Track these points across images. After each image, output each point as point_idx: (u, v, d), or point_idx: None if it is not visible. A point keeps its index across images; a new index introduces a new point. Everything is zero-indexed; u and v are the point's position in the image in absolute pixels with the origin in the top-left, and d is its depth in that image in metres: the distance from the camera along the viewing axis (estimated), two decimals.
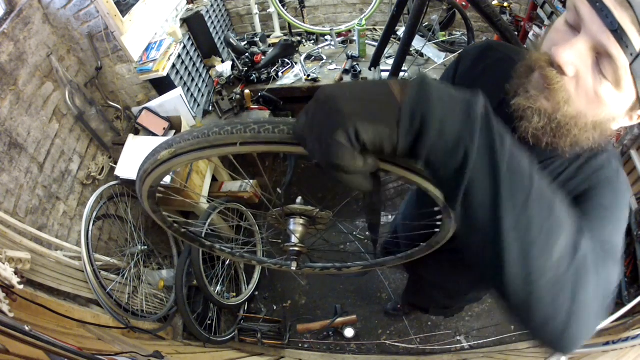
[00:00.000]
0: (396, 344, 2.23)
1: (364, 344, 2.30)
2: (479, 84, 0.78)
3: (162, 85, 2.13)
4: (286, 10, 3.00)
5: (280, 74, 2.70)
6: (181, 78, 2.27)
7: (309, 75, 2.63)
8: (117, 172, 1.90)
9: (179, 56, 2.25)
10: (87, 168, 1.91)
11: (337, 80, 2.57)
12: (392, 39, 2.42)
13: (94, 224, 1.70)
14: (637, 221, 1.63)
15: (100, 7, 1.73)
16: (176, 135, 0.53)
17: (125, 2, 1.92)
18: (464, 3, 2.29)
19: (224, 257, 2.23)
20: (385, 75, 2.52)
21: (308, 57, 2.84)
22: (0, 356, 0.88)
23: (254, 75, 2.66)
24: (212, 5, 2.78)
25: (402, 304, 2.22)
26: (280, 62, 2.77)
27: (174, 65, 2.17)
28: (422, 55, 2.70)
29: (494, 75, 0.74)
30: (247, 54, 2.69)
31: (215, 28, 2.82)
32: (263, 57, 2.72)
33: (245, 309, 2.43)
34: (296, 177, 0.78)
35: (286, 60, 2.78)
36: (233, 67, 2.70)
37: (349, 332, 2.24)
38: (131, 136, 2.00)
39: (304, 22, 3.07)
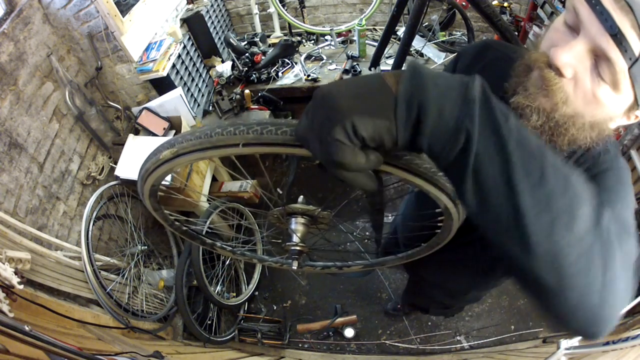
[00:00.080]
0: (396, 344, 2.23)
1: (364, 344, 2.30)
2: None
3: (162, 85, 2.13)
4: (286, 10, 3.00)
5: (280, 74, 2.70)
6: (181, 78, 2.27)
7: (309, 75, 2.63)
8: (117, 172, 1.90)
9: (179, 56, 2.25)
10: (87, 168, 1.91)
11: (335, 80, 2.57)
12: (392, 39, 2.42)
13: (94, 224, 1.70)
14: (637, 221, 1.63)
15: (100, 7, 1.73)
16: (178, 135, 0.53)
17: (125, 2, 1.92)
18: (464, 3, 2.29)
19: (224, 255, 2.23)
20: None
21: (308, 57, 2.84)
22: (0, 356, 0.87)
23: (254, 75, 2.67)
24: (212, 5, 2.78)
25: (402, 304, 2.21)
26: (280, 62, 2.78)
27: (174, 65, 2.17)
28: (422, 55, 2.70)
29: (492, 73, 0.74)
30: (247, 54, 2.69)
31: (215, 28, 2.82)
32: (263, 57, 2.72)
33: (245, 309, 2.43)
34: (296, 177, 0.78)
35: (286, 60, 2.78)
36: (233, 67, 2.70)
37: (349, 332, 2.24)
38: (131, 136, 2.00)
39: (304, 22, 3.07)
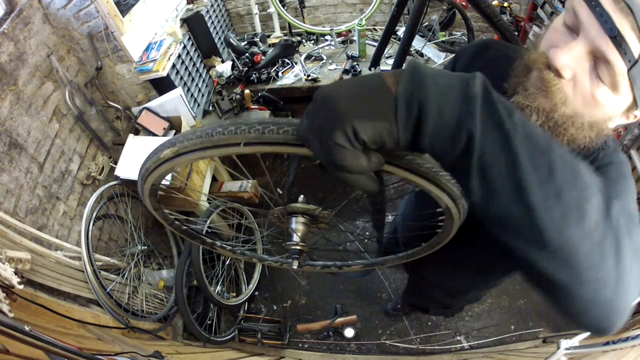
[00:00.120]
0: (396, 344, 2.23)
1: (364, 344, 2.30)
2: None
3: (162, 85, 2.13)
4: (286, 10, 3.00)
5: (280, 74, 2.70)
6: (181, 78, 2.27)
7: (309, 75, 2.63)
8: (117, 172, 1.90)
9: (179, 56, 2.25)
10: (87, 168, 1.91)
11: (335, 80, 2.57)
12: (392, 39, 2.42)
13: (94, 224, 1.70)
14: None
15: (100, 7, 1.73)
16: (179, 134, 0.52)
17: (125, 2, 1.92)
18: (464, 3, 2.29)
19: (224, 255, 2.22)
20: None
21: (308, 57, 2.84)
22: (0, 356, 0.87)
23: (254, 75, 2.67)
24: (212, 5, 2.78)
25: (402, 304, 2.21)
26: (280, 62, 2.78)
27: (174, 65, 2.17)
28: (422, 55, 2.70)
29: (491, 73, 0.73)
30: (247, 54, 2.69)
31: (215, 28, 2.82)
32: (263, 57, 2.72)
33: (245, 309, 2.43)
34: (296, 177, 0.78)
35: (286, 60, 2.78)
36: (233, 67, 2.70)
37: (349, 332, 2.24)
38: (131, 136, 2.00)
39: (304, 22, 3.07)
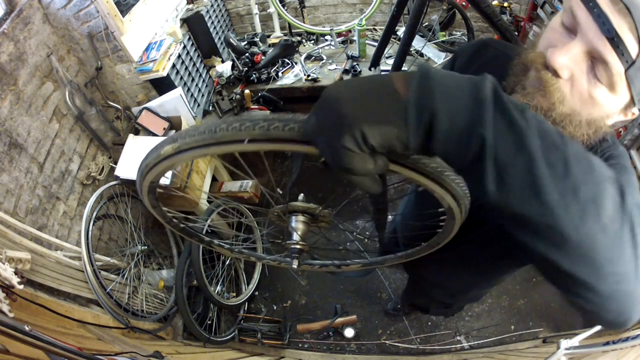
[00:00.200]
0: (396, 344, 2.23)
1: (364, 344, 2.30)
2: None
3: (162, 85, 2.13)
4: (286, 10, 3.00)
5: (280, 74, 2.70)
6: (181, 78, 2.27)
7: (309, 75, 2.63)
8: (117, 172, 1.90)
9: (179, 56, 2.24)
10: (87, 168, 1.91)
11: (337, 80, 2.57)
12: (392, 39, 2.42)
13: (94, 224, 1.70)
14: None
15: (100, 7, 1.73)
16: (181, 130, 0.51)
17: (125, 2, 1.92)
18: (464, 3, 2.28)
19: (221, 253, 2.22)
20: None
21: (308, 57, 2.84)
22: (0, 356, 0.87)
23: (254, 75, 2.66)
24: (212, 5, 2.78)
25: (402, 304, 2.21)
26: (280, 62, 2.77)
27: (174, 65, 2.17)
28: (422, 55, 2.70)
29: (490, 72, 0.73)
30: (247, 54, 2.69)
31: (215, 28, 2.82)
32: (263, 57, 2.72)
33: (245, 309, 2.43)
34: (298, 175, 0.77)
35: (286, 60, 2.78)
36: (233, 67, 2.70)
37: (349, 332, 2.24)
38: (131, 136, 2.00)
39: (304, 22, 3.06)
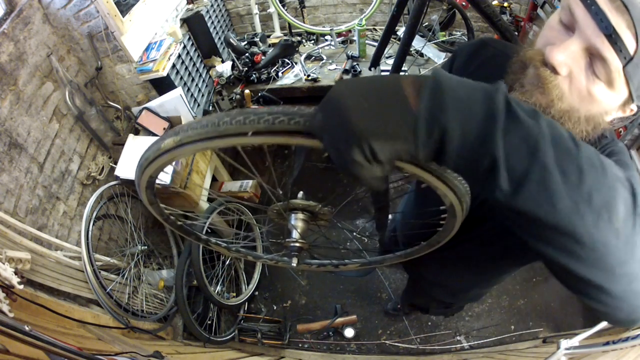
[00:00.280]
0: (396, 344, 2.23)
1: (364, 344, 2.30)
2: (473, 80, 0.78)
3: (162, 85, 2.13)
4: (286, 10, 3.00)
5: (280, 74, 2.70)
6: (181, 78, 2.27)
7: (309, 75, 2.63)
8: (117, 172, 1.90)
9: (179, 56, 2.25)
10: (87, 168, 1.91)
11: (337, 80, 2.57)
12: (392, 39, 2.42)
13: (94, 224, 1.70)
14: None
15: (100, 7, 1.73)
16: (183, 123, 0.51)
17: (125, 2, 1.92)
18: (464, 3, 2.29)
19: (219, 252, 2.22)
20: None
21: (308, 57, 2.84)
22: (0, 356, 0.87)
23: (254, 75, 2.66)
24: (212, 5, 2.78)
25: (402, 304, 2.21)
26: (280, 62, 2.77)
27: (174, 65, 2.17)
28: (422, 55, 2.70)
29: (489, 70, 0.74)
30: (247, 54, 2.69)
31: (215, 28, 2.82)
32: (263, 57, 2.72)
33: (245, 309, 2.43)
34: (301, 171, 0.77)
35: (286, 60, 2.78)
36: (233, 67, 2.70)
37: (349, 332, 2.24)
38: (131, 136, 2.00)
39: (304, 22, 3.07)
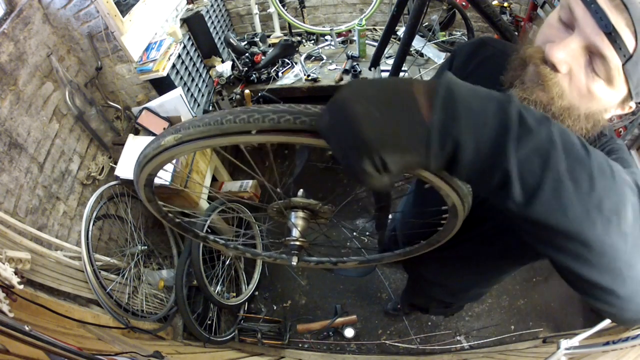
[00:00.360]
0: (396, 344, 2.23)
1: (364, 344, 2.30)
2: (473, 79, 0.78)
3: (162, 85, 2.13)
4: (286, 10, 3.00)
5: (280, 74, 2.70)
6: (181, 78, 2.27)
7: (309, 75, 2.63)
8: (117, 172, 1.90)
9: (179, 56, 2.24)
10: (87, 168, 1.91)
11: (337, 80, 2.57)
12: (392, 39, 2.42)
13: (94, 224, 1.70)
14: None
15: (100, 7, 1.73)
16: (185, 121, 0.50)
17: (125, 2, 1.92)
18: (464, 3, 2.29)
19: (216, 248, 2.22)
20: (385, 76, 2.52)
21: (308, 57, 2.84)
22: (0, 356, 0.87)
23: (254, 75, 2.66)
24: (212, 5, 2.78)
25: (401, 304, 2.21)
26: (280, 62, 2.77)
27: (174, 65, 2.17)
28: (422, 55, 2.70)
29: (488, 69, 0.74)
30: (247, 54, 2.69)
31: (215, 28, 2.82)
32: (263, 57, 2.72)
33: (245, 309, 2.43)
34: (304, 169, 0.77)
35: (286, 60, 2.78)
36: (233, 67, 2.70)
37: (349, 332, 2.24)
38: (131, 136, 2.00)
39: (304, 22, 3.07)
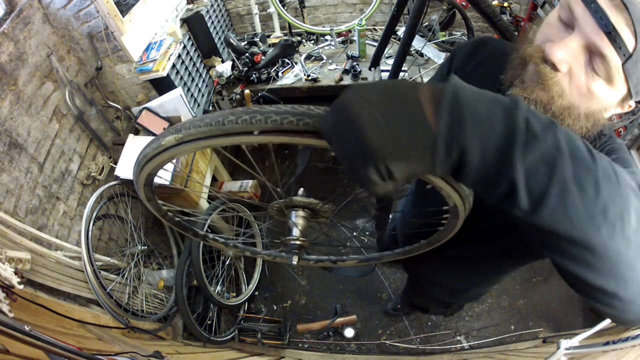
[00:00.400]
0: (396, 344, 2.23)
1: (364, 344, 2.30)
2: (472, 78, 0.78)
3: (162, 85, 2.13)
4: (286, 10, 3.00)
5: (280, 74, 2.70)
6: (181, 78, 2.27)
7: (309, 75, 2.63)
8: (117, 172, 1.90)
9: (179, 56, 2.25)
10: (87, 168, 1.91)
11: (337, 80, 2.57)
12: (392, 39, 2.42)
13: (94, 224, 1.70)
14: None
15: (100, 7, 1.73)
16: (186, 120, 0.49)
17: (125, 2, 1.92)
18: (464, 3, 2.29)
19: (216, 247, 2.22)
20: (385, 76, 2.52)
21: (308, 57, 2.84)
22: (0, 356, 0.87)
23: (254, 75, 2.66)
24: (212, 5, 2.78)
25: (401, 304, 2.21)
26: (280, 62, 2.77)
27: (174, 65, 2.17)
28: (422, 55, 2.70)
29: (488, 68, 0.75)
30: (247, 54, 2.69)
31: (215, 28, 2.82)
32: (263, 57, 2.72)
33: (245, 309, 2.43)
34: (305, 169, 0.77)
35: (286, 60, 2.78)
36: (233, 67, 2.70)
37: (349, 332, 2.24)
38: (131, 136, 2.00)
39: (304, 22, 3.07)
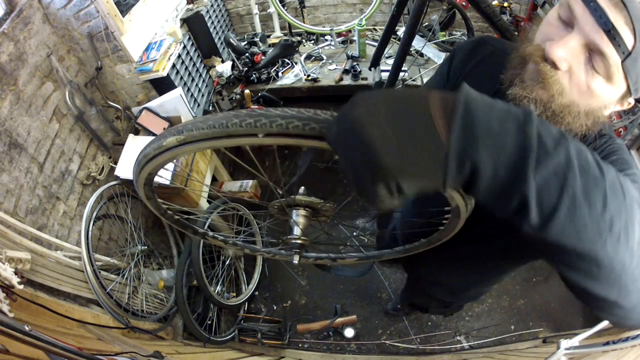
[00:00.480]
0: (396, 344, 2.23)
1: (364, 344, 2.30)
2: (472, 77, 0.78)
3: (162, 85, 2.13)
4: (286, 10, 3.00)
5: (280, 74, 2.70)
6: (181, 78, 2.27)
7: (309, 75, 2.63)
8: (117, 172, 1.90)
9: (179, 56, 2.25)
10: (87, 168, 1.91)
11: (337, 80, 2.57)
12: (392, 39, 2.42)
13: (94, 224, 1.70)
14: None
15: (100, 7, 1.73)
16: (188, 121, 0.49)
17: (125, 2, 1.92)
18: (464, 3, 2.29)
19: (215, 244, 2.22)
20: (385, 76, 2.51)
21: (308, 57, 2.84)
22: (0, 356, 0.87)
23: (254, 75, 2.67)
24: (212, 5, 2.78)
25: (401, 304, 2.21)
26: (280, 62, 2.78)
27: (174, 65, 2.17)
28: (422, 55, 2.70)
29: (488, 67, 0.75)
30: (247, 54, 2.69)
31: (215, 28, 2.82)
32: (263, 57, 2.72)
33: (245, 309, 2.43)
34: (307, 170, 0.77)
35: (286, 60, 2.78)
36: (233, 67, 2.70)
37: (349, 332, 2.24)
38: (131, 136, 2.00)
39: (304, 22, 3.07)
